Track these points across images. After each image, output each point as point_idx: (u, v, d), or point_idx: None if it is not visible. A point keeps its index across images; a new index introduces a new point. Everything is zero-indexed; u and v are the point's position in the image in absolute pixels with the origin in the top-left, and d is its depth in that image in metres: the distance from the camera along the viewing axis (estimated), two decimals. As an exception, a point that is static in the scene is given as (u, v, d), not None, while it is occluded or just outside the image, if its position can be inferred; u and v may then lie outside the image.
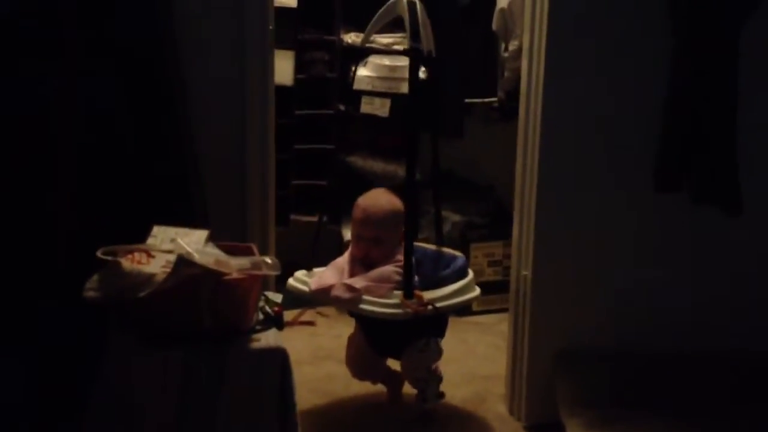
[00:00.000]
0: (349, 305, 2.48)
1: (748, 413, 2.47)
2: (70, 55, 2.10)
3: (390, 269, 2.48)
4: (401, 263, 2.48)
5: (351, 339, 2.76)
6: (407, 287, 2.42)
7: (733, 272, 2.67)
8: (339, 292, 2.44)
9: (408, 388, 2.74)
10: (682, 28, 2.48)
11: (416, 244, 2.76)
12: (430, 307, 2.41)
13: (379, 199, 2.58)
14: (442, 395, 2.68)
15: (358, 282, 2.45)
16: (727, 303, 2.67)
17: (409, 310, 2.37)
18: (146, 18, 2.22)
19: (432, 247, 2.81)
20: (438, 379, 2.65)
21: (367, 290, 2.43)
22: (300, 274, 2.63)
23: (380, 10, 2.68)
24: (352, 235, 2.63)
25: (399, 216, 2.55)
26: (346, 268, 2.57)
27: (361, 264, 2.57)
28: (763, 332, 2.67)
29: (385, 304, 2.41)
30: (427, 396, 2.62)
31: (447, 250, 2.78)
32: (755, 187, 2.53)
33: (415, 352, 2.55)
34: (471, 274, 2.69)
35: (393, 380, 2.78)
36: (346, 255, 2.64)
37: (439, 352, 2.59)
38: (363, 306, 2.41)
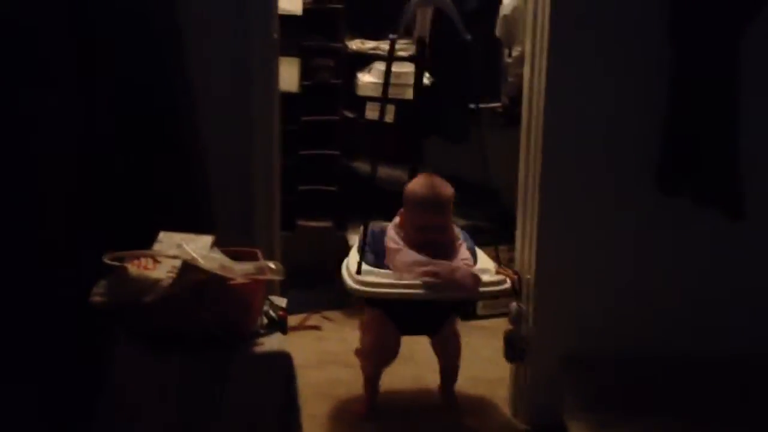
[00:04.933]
0: (472, 293, 2.51)
1: (752, 418, 2.48)
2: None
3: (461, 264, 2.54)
4: (467, 258, 2.58)
5: (368, 325, 2.73)
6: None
7: (735, 275, 2.68)
8: (466, 279, 2.45)
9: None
10: (683, 33, 2.50)
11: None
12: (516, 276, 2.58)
13: (438, 185, 2.64)
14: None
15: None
16: (730, 305, 2.68)
17: (508, 278, 2.55)
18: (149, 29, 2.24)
19: None
20: None
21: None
22: (360, 275, 2.47)
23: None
24: (414, 224, 2.58)
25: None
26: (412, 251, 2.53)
27: (421, 250, 2.52)
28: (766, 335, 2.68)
29: (494, 282, 2.52)
30: None
31: None
32: (758, 190, 2.54)
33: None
34: None
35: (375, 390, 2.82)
36: (395, 238, 2.58)
37: None
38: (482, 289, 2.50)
